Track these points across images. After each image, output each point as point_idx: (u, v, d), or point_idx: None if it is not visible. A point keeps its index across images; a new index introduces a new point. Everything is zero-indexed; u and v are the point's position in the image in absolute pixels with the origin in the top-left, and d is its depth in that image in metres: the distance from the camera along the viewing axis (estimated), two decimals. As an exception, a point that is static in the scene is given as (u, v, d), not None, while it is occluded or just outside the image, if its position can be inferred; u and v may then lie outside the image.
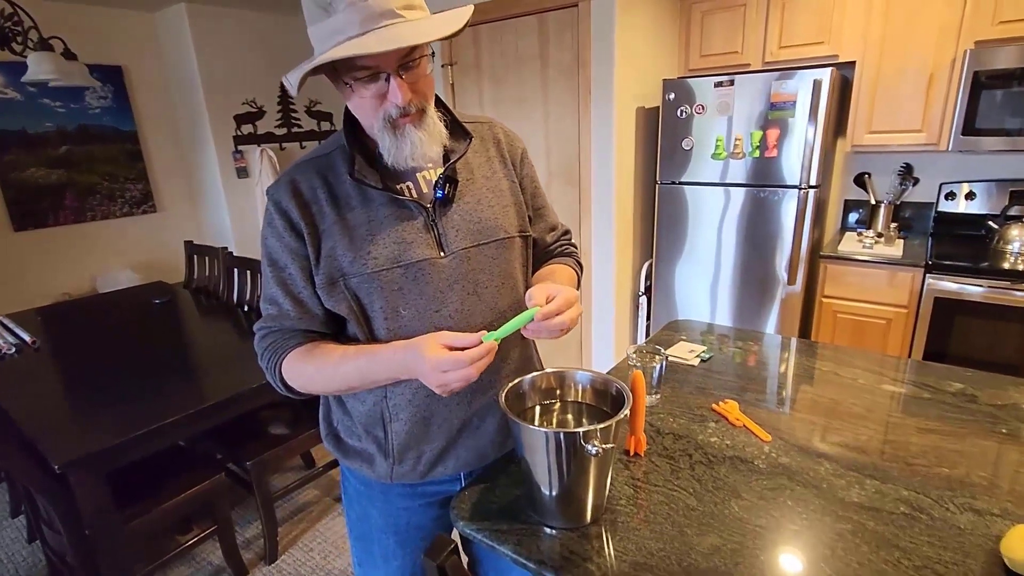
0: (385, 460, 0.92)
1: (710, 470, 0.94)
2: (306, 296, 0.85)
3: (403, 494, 0.96)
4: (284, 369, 0.86)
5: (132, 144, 3.61)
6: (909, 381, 1.23)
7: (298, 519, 2.11)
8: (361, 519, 1.01)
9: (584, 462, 0.78)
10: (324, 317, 0.87)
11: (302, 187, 0.84)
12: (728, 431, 1.06)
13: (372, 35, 0.69)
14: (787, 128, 2.24)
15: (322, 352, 0.84)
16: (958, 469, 0.92)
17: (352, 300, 0.84)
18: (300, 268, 0.84)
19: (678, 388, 1.23)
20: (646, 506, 0.86)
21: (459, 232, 0.86)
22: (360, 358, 0.82)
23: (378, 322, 0.85)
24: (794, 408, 1.14)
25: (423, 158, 0.81)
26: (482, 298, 0.88)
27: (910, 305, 2.21)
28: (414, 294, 0.84)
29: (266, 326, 0.88)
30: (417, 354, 0.75)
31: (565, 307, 0.78)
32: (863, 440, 1.01)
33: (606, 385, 0.87)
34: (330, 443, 0.97)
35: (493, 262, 0.89)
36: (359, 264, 0.82)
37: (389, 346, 0.81)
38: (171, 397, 1.60)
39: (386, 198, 0.83)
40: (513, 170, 0.96)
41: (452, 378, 0.73)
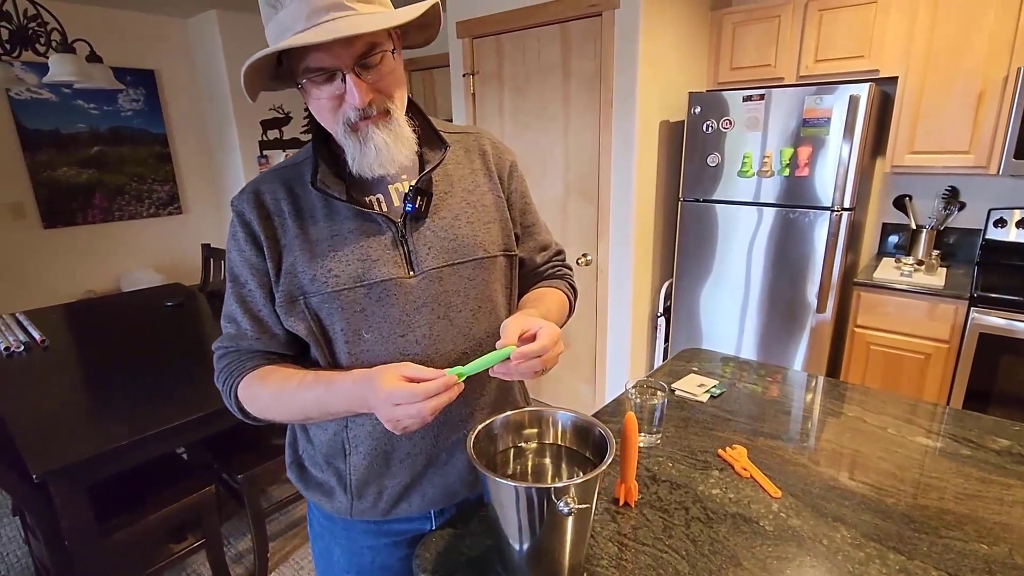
0: (345, 494, 0.84)
1: (708, 529, 0.84)
2: (265, 315, 0.79)
3: (367, 531, 0.89)
4: (240, 393, 0.79)
5: (161, 146, 3.68)
6: (947, 433, 1.09)
7: (292, 534, 2.05)
8: (323, 556, 0.93)
9: (558, 520, 0.68)
10: (285, 338, 0.81)
11: (265, 198, 0.78)
12: (733, 482, 0.95)
13: (315, 29, 0.64)
14: (820, 146, 2.11)
15: (280, 377, 0.78)
16: (1000, 546, 0.80)
17: (312, 320, 0.77)
18: (260, 284, 0.78)
19: (682, 428, 1.13)
20: (631, 569, 0.76)
21: (431, 250, 0.79)
22: (318, 387, 0.75)
23: (339, 345, 0.78)
24: (811, 459, 1.02)
25: (391, 164, 0.74)
26: (454, 323, 0.81)
27: (952, 340, 2.04)
28: (378, 317, 0.77)
29: (223, 346, 0.82)
30: (373, 384, 0.68)
31: (543, 349, 0.69)
32: (889, 503, 0.89)
33: (589, 428, 0.78)
34: (293, 472, 0.90)
35: (469, 283, 0.81)
36: (319, 282, 0.75)
37: (348, 375, 0.74)
38: (170, 404, 1.57)
39: (351, 211, 0.77)
40: (500, 184, 0.88)
41: (402, 413, 0.65)
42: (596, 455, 0.76)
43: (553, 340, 0.71)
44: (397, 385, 0.65)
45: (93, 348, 2.06)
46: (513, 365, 0.69)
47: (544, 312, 0.83)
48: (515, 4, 2.52)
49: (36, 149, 3.21)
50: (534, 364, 0.69)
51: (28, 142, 3.17)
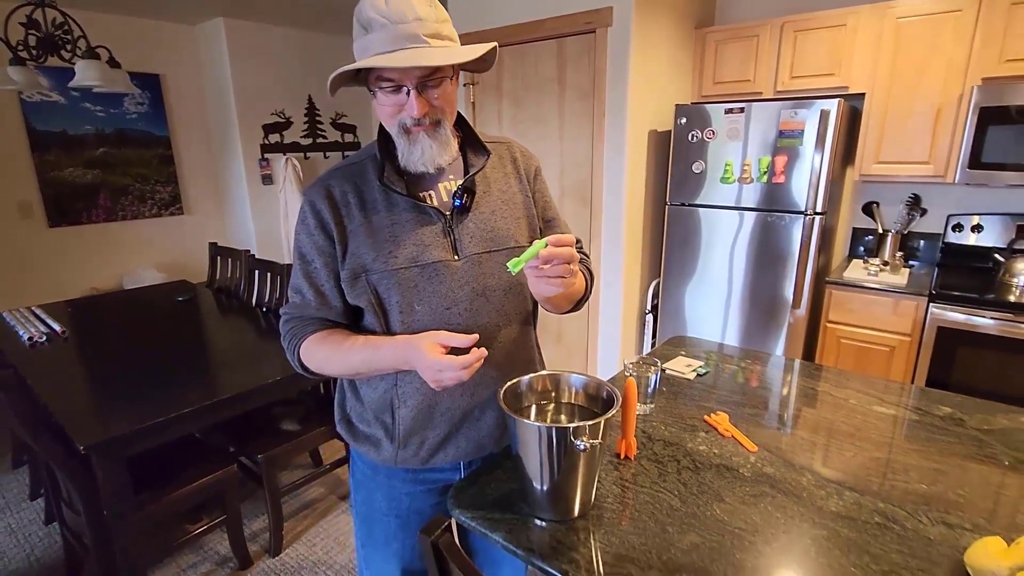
0: (391, 444, 0.99)
1: (696, 475, 0.99)
2: (327, 289, 0.94)
3: (406, 479, 1.03)
4: (302, 351, 0.95)
5: (165, 149, 3.77)
6: (901, 404, 1.26)
7: (303, 515, 2.17)
8: (366, 502, 1.07)
9: (573, 458, 0.83)
10: (342, 309, 0.96)
11: (335, 191, 0.93)
12: (717, 441, 1.11)
13: (394, 54, 0.80)
14: (795, 155, 2.30)
15: (335, 340, 0.94)
16: (937, 487, 0.96)
17: (372, 294, 0.92)
18: (324, 264, 0.93)
19: (672, 400, 1.28)
20: (632, 505, 0.91)
21: (473, 238, 0.94)
22: (366, 349, 0.91)
23: (394, 315, 0.93)
24: (784, 423, 1.18)
25: (431, 163, 0.90)
26: (490, 300, 0.96)
27: (913, 334, 2.23)
28: (428, 292, 0.92)
29: (289, 312, 0.98)
30: (416, 351, 0.85)
31: (567, 240, 0.82)
32: (847, 456, 1.05)
33: (598, 389, 0.93)
34: (342, 427, 1.05)
35: (502, 268, 0.95)
36: (380, 261, 0.91)
37: (392, 340, 0.90)
38: (189, 389, 1.68)
39: (409, 203, 0.92)
40: (528, 186, 1.04)
41: (445, 377, 0.83)
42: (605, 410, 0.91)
43: (570, 242, 0.82)
44: (439, 357, 0.82)
45: (113, 339, 2.16)
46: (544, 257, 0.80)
47: None
48: (514, 19, 2.68)
49: (44, 150, 3.29)
50: (562, 253, 0.80)
51: (37, 143, 3.25)
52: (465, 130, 0.99)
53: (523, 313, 1.02)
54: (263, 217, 3.93)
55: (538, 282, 0.84)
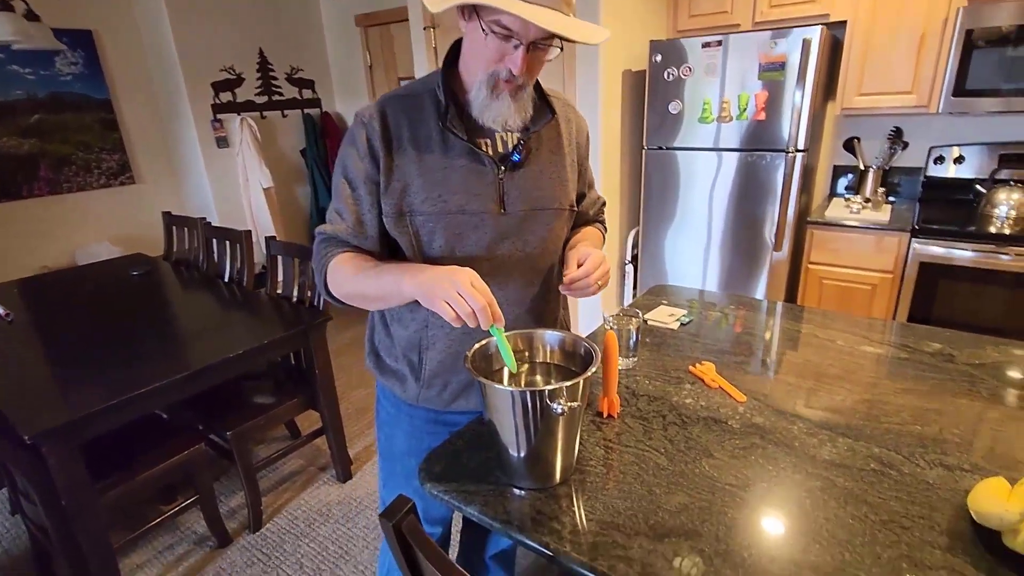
0: (416, 383, 1.00)
1: (683, 431, 0.93)
2: (368, 219, 0.92)
3: (428, 418, 1.04)
4: (329, 270, 0.92)
5: (106, 112, 3.50)
6: (888, 342, 1.22)
7: (283, 488, 2.11)
8: (388, 440, 1.11)
9: (551, 422, 0.76)
10: (378, 240, 0.93)
11: (389, 120, 0.89)
12: (704, 392, 1.05)
13: (532, 7, 0.74)
14: (776, 90, 2.19)
15: (363, 259, 0.91)
16: (931, 427, 0.92)
17: (414, 235, 0.90)
18: (369, 193, 0.90)
19: (655, 352, 1.22)
20: (616, 466, 0.85)
21: (521, 194, 0.93)
22: (395, 268, 0.86)
23: (432, 258, 0.91)
24: (771, 370, 1.13)
25: (503, 124, 0.87)
26: (528, 255, 0.96)
27: (895, 271, 2.20)
28: (471, 241, 0.91)
29: (325, 232, 0.94)
30: (455, 268, 0.78)
31: (593, 269, 0.88)
32: (838, 401, 1.01)
33: (575, 345, 0.85)
34: (370, 360, 1.07)
35: (543, 226, 0.96)
36: (430, 204, 0.88)
37: (428, 265, 0.84)
38: (148, 367, 1.58)
39: (466, 149, 0.89)
40: (577, 151, 1.03)
41: (455, 293, 0.74)
42: (583, 368, 0.84)
43: (596, 265, 0.88)
44: (471, 274, 0.77)
45: (63, 319, 2.03)
46: (566, 288, 0.89)
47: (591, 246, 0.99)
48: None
49: (-30, 119, 3.02)
50: (586, 284, 0.88)
51: (-39, 112, 2.97)
52: (537, 90, 0.96)
53: (554, 273, 1.02)
54: (222, 183, 3.72)
55: (569, 292, 0.91)
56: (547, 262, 1.00)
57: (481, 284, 0.76)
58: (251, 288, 2.30)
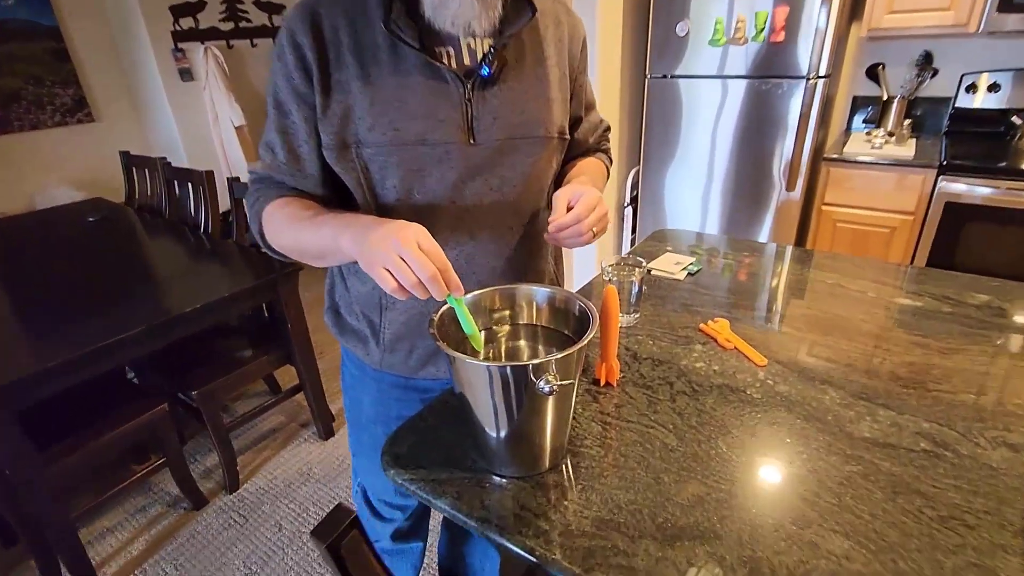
0: (377, 346, 0.86)
1: (694, 401, 0.79)
2: (305, 153, 0.74)
3: (396, 384, 0.90)
4: (265, 217, 0.76)
5: (56, 42, 3.18)
6: (927, 293, 1.06)
7: (262, 446, 2.01)
8: (354, 406, 0.97)
9: (538, 402, 0.61)
10: (320, 178, 0.76)
11: (323, 23, 0.70)
12: (717, 355, 0.90)
13: None
14: (798, 8, 1.94)
15: (304, 205, 0.74)
16: (988, 396, 0.78)
17: (362, 172, 0.74)
18: (305, 118, 0.73)
19: (660, 306, 1.06)
20: (616, 447, 0.71)
21: (496, 120, 0.74)
22: (336, 217, 0.69)
23: (387, 201, 0.75)
24: (794, 327, 0.98)
25: (466, 26, 0.68)
26: (505, 196, 0.79)
27: (917, 212, 2.03)
28: (434, 179, 0.74)
29: (257, 174, 0.78)
30: (404, 222, 0.61)
31: (585, 212, 0.71)
32: (875, 363, 0.86)
33: (568, 304, 0.69)
34: (330, 316, 0.92)
35: (525, 160, 0.78)
36: (378, 133, 0.71)
37: (371, 217, 0.68)
38: (102, 322, 1.42)
39: (421, 61, 0.70)
40: (570, 61, 0.84)
41: (396, 258, 0.57)
42: (578, 333, 0.68)
43: (589, 207, 0.71)
44: (431, 240, 0.59)
45: (11, 269, 1.85)
46: (552, 238, 0.71)
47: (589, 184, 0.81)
48: None
49: (-101, 47, 2.72)
50: (576, 231, 0.70)
51: None
52: None
53: (540, 218, 0.85)
54: (188, 119, 3.44)
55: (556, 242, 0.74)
56: (531, 205, 0.83)
57: (431, 244, 0.59)
58: (217, 235, 2.11)
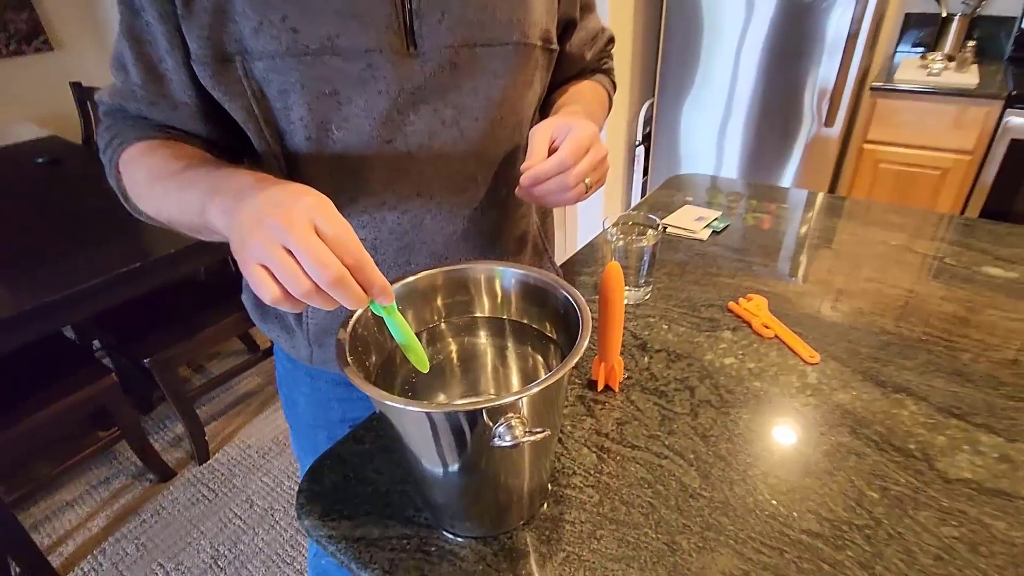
0: (304, 339, 0.65)
1: (723, 416, 0.59)
2: (169, 68, 0.50)
3: (336, 381, 0.71)
4: (122, 168, 0.54)
5: (-1, -43, 2.82)
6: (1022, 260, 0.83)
7: (236, 412, 1.86)
8: (290, 404, 0.77)
9: (499, 455, 0.41)
10: (199, 111, 0.52)
11: None
12: (752, 346, 0.69)
13: None
14: None
15: (172, 150, 0.52)
16: None
17: (255, 100, 0.50)
18: (162, 15, 0.47)
19: (677, 276, 0.84)
20: (616, 488, 0.52)
21: (446, 18, 0.50)
22: (208, 177, 0.46)
23: (295, 141, 0.52)
24: (853, 306, 0.76)
25: None
26: (465, 135, 0.55)
27: (976, 151, 1.75)
28: (357, 107, 0.50)
29: (107, 103, 0.55)
30: (300, 188, 0.38)
31: (572, 158, 0.50)
32: (965, 360, 0.65)
33: (546, 291, 0.48)
34: (248, 297, 0.70)
35: (493, 79, 0.55)
36: (269, 37, 0.47)
37: (255, 176, 0.43)
38: (39, 279, 1.23)
39: None
40: None
41: (289, 258, 0.35)
42: (560, 329, 0.47)
43: (579, 149, 0.50)
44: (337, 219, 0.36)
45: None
46: (526, 192, 0.51)
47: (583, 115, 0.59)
48: None
49: None
50: (561, 185, 0.50)
51: None
52: None
53: (518, 160, 0.59)
54: (155, 49, 3.11)
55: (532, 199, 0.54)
56: (503, 145, 0.59)
57: (338, 226, 0.36)
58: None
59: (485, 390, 0.53)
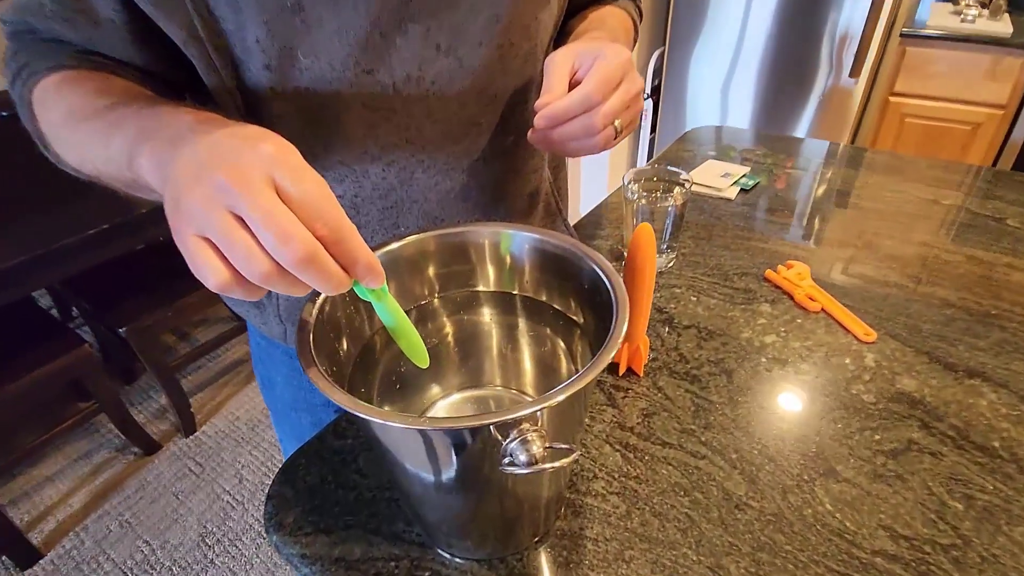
0: (274, 317, 0.56)
1: (768, 408, 0.50)
2: None
3: None
4: (36, 106, 0.42)
5: None
6: (1092, 222, 0.74)
7: (224, 381, 1.78)
8: (267, 384, 0.69)
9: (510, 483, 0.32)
10: (125, 30, 0.41)
11: None
12: (796, 321, 0.60)
13: None
14: None
15: (101, 83, 0.41)
16: None
17: (196, 13, 0.38)
18: None
19: (705, 240, 0.75)
20: (646, 497, 0.43)
21: None
22: (138, 117, 0.35)
23: (253, 73, 0.41)
24: (910, 273, 0.66)
25: None
26: (463, 63, 0.44)
27: (1009, 105, 1.63)
28: (327, 30, 0.40)
29: (13, 22, 0.42)
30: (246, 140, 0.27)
31: (600, 93, 0.39)
32: (1046, 339, 0.56)
33: (569, 261, 0.38)
34: None
35: None
36: None
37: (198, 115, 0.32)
38: (8, 238, 1.14)
39: None
40: None
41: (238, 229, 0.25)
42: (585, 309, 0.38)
43: (608, 82, 0.40)
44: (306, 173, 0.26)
45: None
46: (542, 137, 0.41)
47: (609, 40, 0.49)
48: None
49: None
50: (586, 126, 0.39)
51: None
52: None
53: (529, 98, 0.50)
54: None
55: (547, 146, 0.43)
56: (510, 78, 0.48)
57: (307, 185, 0.26)
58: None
59: (490, 380, 0.43)
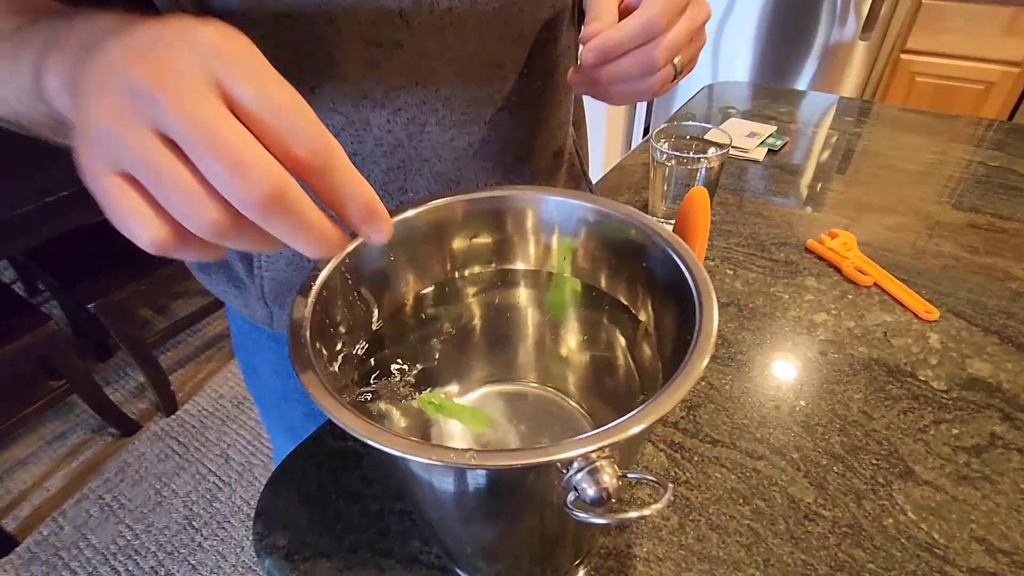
0: (257, 299, 0.49)
1: (827, 399, 0.44)
2: None
3: None
4: None
5: None
6: None
7: (206, 357, 1.70)
8: (251, 372, 0.62)
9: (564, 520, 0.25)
10: None
11: None
12: (847, 297, 0.53)
13: None
14: None
15: (9, 7, 0.31)
16: None
17: None
18: None
19: (735, 207, 0.67)
20: (700, 506, 0.37)
21: None
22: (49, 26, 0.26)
23: (222, 7, 0.33)
24: (967, 242, 0.60)
25: None
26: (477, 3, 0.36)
27: (1026, 63, 1.56)
28: None
29: None
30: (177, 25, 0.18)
31: (662, 22, 0.31)
32: (1123, 316, 0.50)
33: (633, 240, 0.31)
34: None
35: None
36: None
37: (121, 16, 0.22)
38: None
39: None
40: None
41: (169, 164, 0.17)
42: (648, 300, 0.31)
43: (673, 6, 0.31)
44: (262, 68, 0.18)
45: None
46: (585, 74, 0.33)
47: None
48: None
49: None
50: (647, 62, 0.31)
51: None
52: None
53: (561, 38, 0.42)
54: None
55: None
56: (541, 8, 0.40)
57: (269, 88, 0.18)
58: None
59: (523, 375, 0.36)
